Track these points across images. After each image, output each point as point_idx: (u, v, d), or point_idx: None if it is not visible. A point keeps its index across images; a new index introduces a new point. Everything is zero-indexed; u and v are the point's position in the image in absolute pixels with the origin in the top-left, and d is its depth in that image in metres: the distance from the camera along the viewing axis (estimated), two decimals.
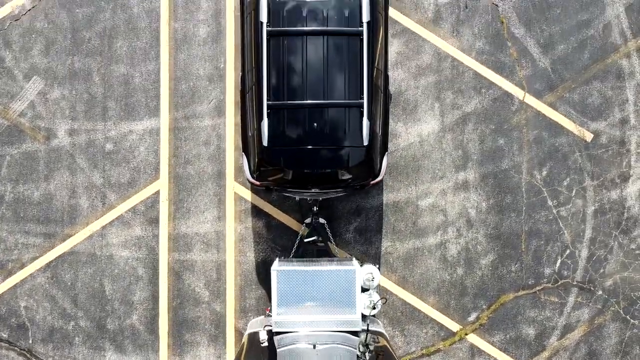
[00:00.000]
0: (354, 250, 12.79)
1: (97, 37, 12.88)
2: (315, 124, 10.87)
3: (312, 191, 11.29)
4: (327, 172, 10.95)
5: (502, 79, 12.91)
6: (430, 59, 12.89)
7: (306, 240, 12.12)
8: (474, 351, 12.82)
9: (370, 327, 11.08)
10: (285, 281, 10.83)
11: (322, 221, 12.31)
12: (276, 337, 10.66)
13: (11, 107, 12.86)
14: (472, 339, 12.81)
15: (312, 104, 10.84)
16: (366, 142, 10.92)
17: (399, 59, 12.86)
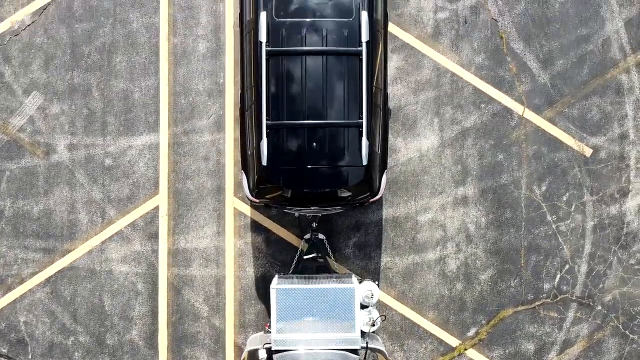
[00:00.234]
0: (353, 265, 12.80)
1: (96, 52, 12.88)
2: (314, 144, 10.87)
3: (311, 209, 11.30)
4: (326, 191, 10.96)
5: (501, 94, 12.91)
6: (429, 74, 12.89)
7: (305, 257, 12.13)
8: None
9: (369, 345, 11.09)
10: (284, 299, 10.84)
11: (321, 237, 12.33)
12: (275, 356, 10.67)
13: (10, 122, 12.87)
14: (472, 354, 12.82)
15: (311, 124, 10.85)
16: (365, 162, 10.93)
17: (398, 74, 12.86)
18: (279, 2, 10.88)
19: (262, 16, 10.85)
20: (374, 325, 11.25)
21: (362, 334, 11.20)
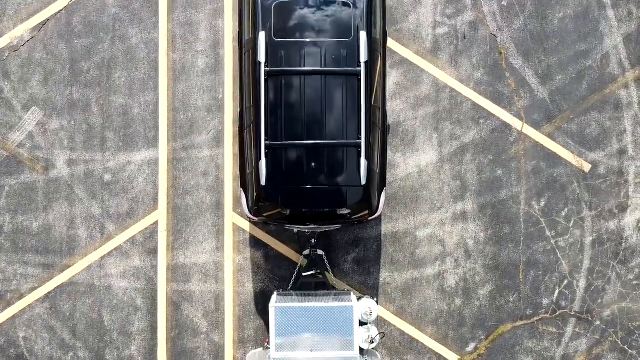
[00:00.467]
0: (352, 280, 12.81)
1: (95, 68, 12.89)
2: (313, 164, 10.88)
3: (309, 226, 11.31)
4: (325, 210, 10.97)
5: (500, 109, 12.92)
6: (428, 89, 12.90)
7: (304, 274, 12.14)
8: None
9: None
10: (283, 317, 10.86)
11: (320, 253, 12.34)
12: None
13: (10, 137, 12.88)
14: None
15: (310, 144, 10.86)
16: (364, 182, 10.93)
17: (397, 90, 12.87)
18: (277, 22, 10.88)
19: (261, 36, 10.86)
20: (372, 342, 11.26)
21: (361, 351, 11.21)
